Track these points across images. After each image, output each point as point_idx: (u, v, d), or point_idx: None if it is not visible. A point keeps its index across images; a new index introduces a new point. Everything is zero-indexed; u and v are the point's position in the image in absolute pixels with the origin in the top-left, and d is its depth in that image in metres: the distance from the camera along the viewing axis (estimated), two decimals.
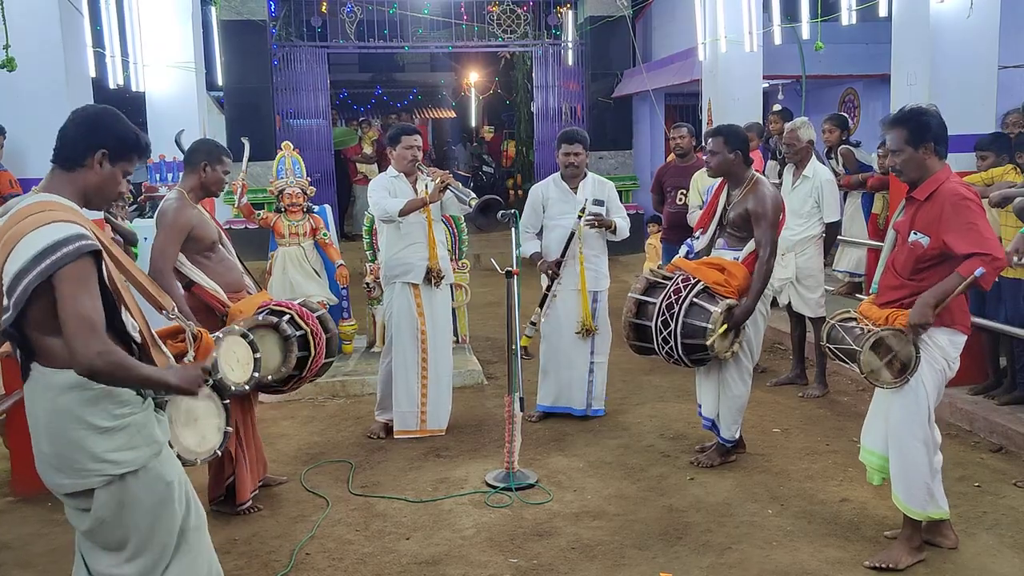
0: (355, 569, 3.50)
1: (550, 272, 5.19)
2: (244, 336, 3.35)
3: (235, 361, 3.31)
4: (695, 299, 4.19)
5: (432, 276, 4.99)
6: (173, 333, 2.79)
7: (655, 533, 3.75)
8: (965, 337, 3.41)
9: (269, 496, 4.24)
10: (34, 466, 4.30)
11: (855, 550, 3.53)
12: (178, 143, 7.12)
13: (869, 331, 3.39)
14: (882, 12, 7.08)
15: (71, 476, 2.32)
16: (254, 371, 3.36)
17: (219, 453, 2.94)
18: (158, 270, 3.74)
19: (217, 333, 3.07)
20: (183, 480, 2.49)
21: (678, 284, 4.26)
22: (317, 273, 6.37)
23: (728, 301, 4.19)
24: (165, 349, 2.56)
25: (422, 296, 5.00)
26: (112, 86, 8.24)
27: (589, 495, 4.18)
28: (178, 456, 2.63)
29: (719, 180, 4.58)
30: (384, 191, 4.95)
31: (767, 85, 10.18)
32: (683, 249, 4.69)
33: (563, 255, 5.14)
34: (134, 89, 8.32)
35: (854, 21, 7.48)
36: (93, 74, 5.97)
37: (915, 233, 3.34)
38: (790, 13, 8.76)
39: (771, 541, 3.64)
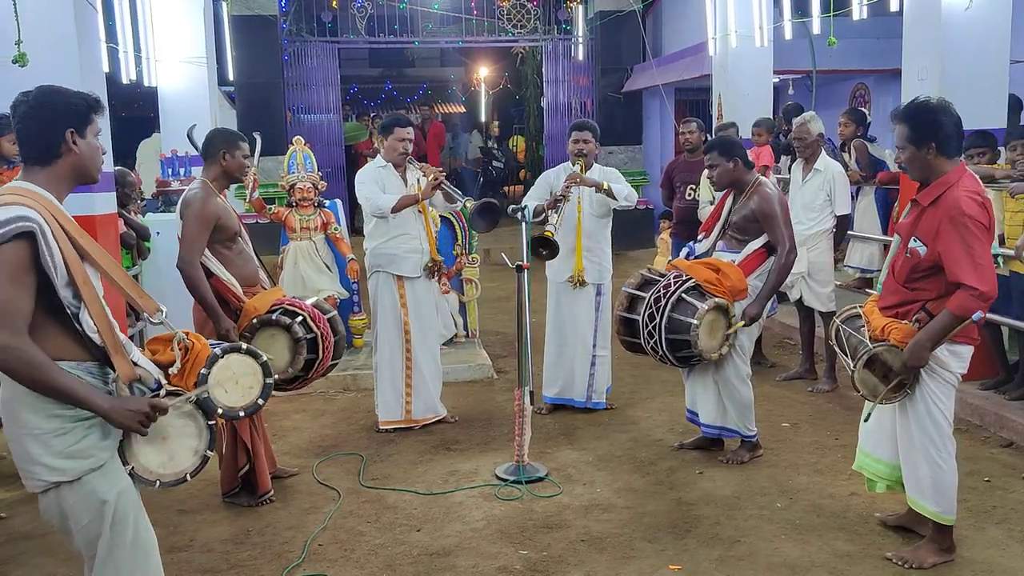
0: (367, 560, 3.54)
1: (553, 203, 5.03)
2: (255, 356, 2.95)
3: (232, 382, 2.89)
4: (684, 295, 4.19)
5: (436, 268, 5.00)
6: (170, 340, 2.59)
7: (664, 526, 3.78)
8: (970, 348, 3.29)
9: (281, 488, 4.27)
10: None
11: (864, 543, 3.55)
12: (190, 138, 7.17)
13: (865, 345, 3.34)
14: (893, 7, 7.07)
15: (23, 476, 2.29)
16: (259, 397, 2.95)
17: (188, 479, 2.55)
18: (187, 261, 3.77)
19: (216, 350, 2.75)
20: (128, 501, 2.35)
21: (669, 280, 4.28)
22: (328, 267, 6.40)
23: (717, 300, 4.17)
24: (137, 354, 2.43)
25: (405, 288, 5.01)
26: (125, 81, 8.32)
27: (599, 488, 4.20)
28: (132, 474, 2.40)
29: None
30: (374, 184, 4.92)
31: (777, 80, 10.16)
32: (684, 251, 4.72)
33: (562, 197, 4.99)
34: (146, 84, 8.39)
35: (865, 16, 7.46)
36: (106, 69, 6.02)
37: (915, 240, 3.24)
38: (801, 8, 8.74)
39: (780, 534, 3.66)
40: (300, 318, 3.89)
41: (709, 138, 7.32)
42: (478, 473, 4.42)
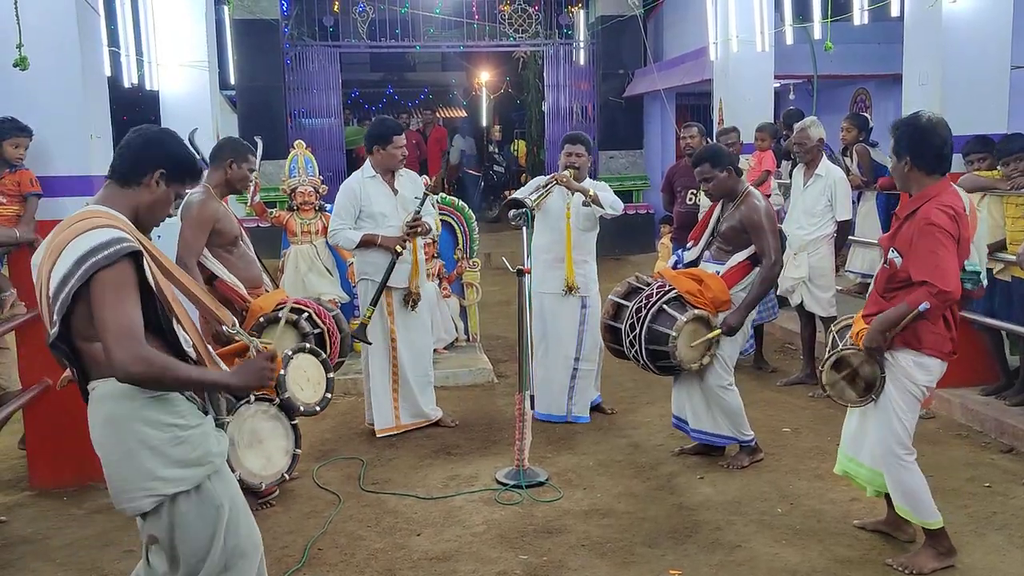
0: (367, 564, 3.53)
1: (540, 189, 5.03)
2: (316, 355, 3.13)
3: (305, 380, 3.07)
4: (664, 306, 4.21)
5: (411, 299, 4.96)
6: (239, 352, 2.67)
7: (664, 531, 3.77)
8: (938, 362, 3.30)
9: (281, 492, 4.25)
10: (51, 460, 4.36)
11: (864, 549, 3.54)
12: (191, 142, 7.17)
13: (835, 349, 3.40)
14: (894, 12, 7.06)
15: (123, 501, 2.26)
16: (327, 391, 3.13)
17: (287, 477, 2.75)
18: (183, 262, 3.80)
19: (287, 351, 2.89)
20: (237, 503, 2.41)
21: (652, 290, 4.29)
22: (329, 271, 6.41)
23: (696, 311, 4.19)
24: (223, 366, 2.49)
25: (392, 296, 4.98)
26: (127, 85, 8.32)
27: (599, 493, 4.20)
28: (240, 480, 2.49)
29: None
30: (351, 207, 4.85)
31: (778, 85, 10.16)
32: (671, 259, 4.73)
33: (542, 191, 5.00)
34: (148, 88, 8.38)
35: (866, 21, 7.46)
36: (108, 73, 6.02)
37: (893, 251, 3.31)
38: (802, 13, 8.75)
39: (780, 539, 3.65)
40: (306, 314, 3.93)
41: (710, 142, 7.34)
42: (478, 477, 4.42)
